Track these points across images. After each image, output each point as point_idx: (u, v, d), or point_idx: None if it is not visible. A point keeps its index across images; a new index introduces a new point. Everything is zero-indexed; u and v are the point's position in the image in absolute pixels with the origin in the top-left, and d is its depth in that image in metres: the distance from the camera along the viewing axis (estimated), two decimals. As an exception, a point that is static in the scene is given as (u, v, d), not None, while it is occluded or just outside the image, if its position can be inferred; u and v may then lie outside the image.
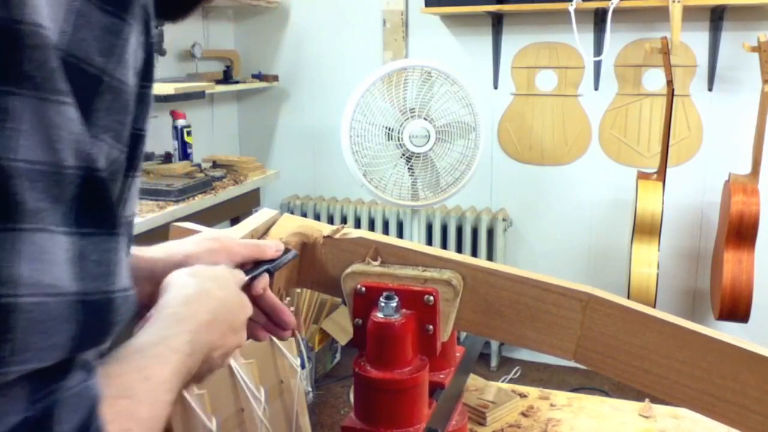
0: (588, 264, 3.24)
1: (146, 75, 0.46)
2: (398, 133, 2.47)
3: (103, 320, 0.40)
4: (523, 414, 1.06)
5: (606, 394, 2.91)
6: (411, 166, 2.52)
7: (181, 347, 0.56)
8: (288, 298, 3.26)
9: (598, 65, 3.05)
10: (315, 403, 2.87)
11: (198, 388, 1.66)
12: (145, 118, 0.48)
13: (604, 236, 3.19)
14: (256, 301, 0.73)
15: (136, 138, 0.46)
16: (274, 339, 2.10)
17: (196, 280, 0.64)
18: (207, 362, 0.62)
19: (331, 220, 3.37)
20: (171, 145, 2.86)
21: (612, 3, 2.73)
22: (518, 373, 3.18)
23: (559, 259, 3.27)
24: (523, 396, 1.11)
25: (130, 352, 0.53)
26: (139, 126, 0.47)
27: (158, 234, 2.21)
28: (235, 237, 0.82)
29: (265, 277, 0.75)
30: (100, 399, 0.41)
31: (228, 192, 2.68)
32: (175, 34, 3.07)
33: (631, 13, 2.93)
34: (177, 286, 0.63)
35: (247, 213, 2.37)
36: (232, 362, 1.77)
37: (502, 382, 1.45)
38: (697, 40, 2.91)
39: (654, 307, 1.39)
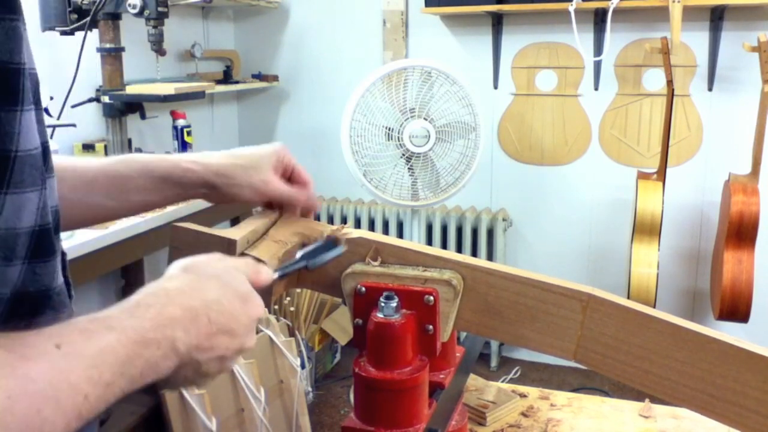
0: (588, 264, 3.24)
1: (11, 8, 0.49)
2: (398, 133, 2.47)
3: None
4: (523, 414, 1.06)
5: (606, 394, 2.90)
6: (411, 166, 2.52)
7: (126, 329, 0.51)
8: (288, 298, 3.26)
9: (598, 65, 3.05)
10: (315, 403, 2.87)
11: (198, 388, 1.65)
12: (20, 51, 0.50)
13: (604, 236, 3.19)
14: None
15: (15, 72, 0.49)
16: (274, 339, 2.09)
17: (189, 277, 0.60)
18: (190, 365, 0.57)
19: (331, 220, 3.37)
20: (171, 145, 2.86)
21: (612, 3, 2.73)
22: (518, 373, 3.18)
23: (559, 259, 3.27)
24: (523, 396, 1.11)
25: (54, 325, 0.49)
26: (16, 60, 0.50)
27: (159, 233, 2.21)
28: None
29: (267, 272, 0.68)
30: None
31: (228, 192, 2.67)
32: (175, 35, 3.07)
33: (631, 13, 2.92)
34: (165, 278, 0.59)
35: (247, 213, 2.36)
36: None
37: (502, 382, 1.45)
38: (697, 40, 2.91)
39: (654, 307, 1.39)
